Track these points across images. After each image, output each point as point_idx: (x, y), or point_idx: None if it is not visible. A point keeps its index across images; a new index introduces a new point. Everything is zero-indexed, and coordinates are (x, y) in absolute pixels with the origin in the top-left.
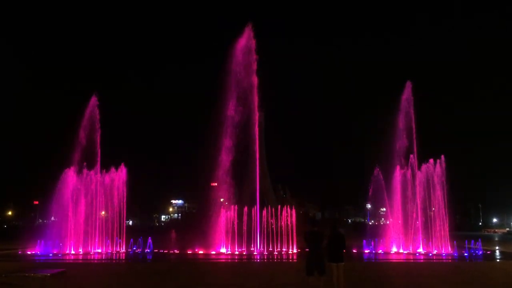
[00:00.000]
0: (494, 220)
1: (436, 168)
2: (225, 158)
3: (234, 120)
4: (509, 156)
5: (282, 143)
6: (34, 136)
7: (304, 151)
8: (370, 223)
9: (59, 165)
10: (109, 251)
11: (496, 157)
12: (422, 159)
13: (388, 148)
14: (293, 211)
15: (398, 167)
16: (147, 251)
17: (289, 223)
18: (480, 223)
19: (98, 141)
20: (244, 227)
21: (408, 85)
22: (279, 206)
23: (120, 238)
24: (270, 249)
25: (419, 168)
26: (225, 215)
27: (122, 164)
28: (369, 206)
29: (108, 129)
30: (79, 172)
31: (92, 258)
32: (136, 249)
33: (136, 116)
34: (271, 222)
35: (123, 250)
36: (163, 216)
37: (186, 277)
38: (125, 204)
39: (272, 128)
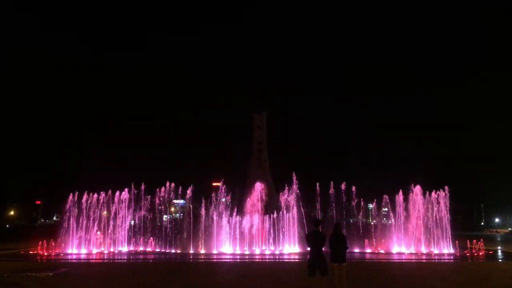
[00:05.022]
0: (496, 220)
1: None
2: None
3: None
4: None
5: (285, 143)
6: (35, 136)
7: (307, 150)
8: (372, 223)
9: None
10: (112, 250)
11: (498, 157)
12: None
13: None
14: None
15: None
16: (149, 250)
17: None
18: (482, 223)
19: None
20: (246, 228)
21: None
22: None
23: (122, 237)
24: (272, 248)
25: None
26: (227, 217)
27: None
28: (370, 206)
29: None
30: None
31: (94, 257)
32: (138, 248)
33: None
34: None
35: (125, 249)
36: (165, 216)
37: (188, 276)
38: (127, 205)
39: (274, 128)
